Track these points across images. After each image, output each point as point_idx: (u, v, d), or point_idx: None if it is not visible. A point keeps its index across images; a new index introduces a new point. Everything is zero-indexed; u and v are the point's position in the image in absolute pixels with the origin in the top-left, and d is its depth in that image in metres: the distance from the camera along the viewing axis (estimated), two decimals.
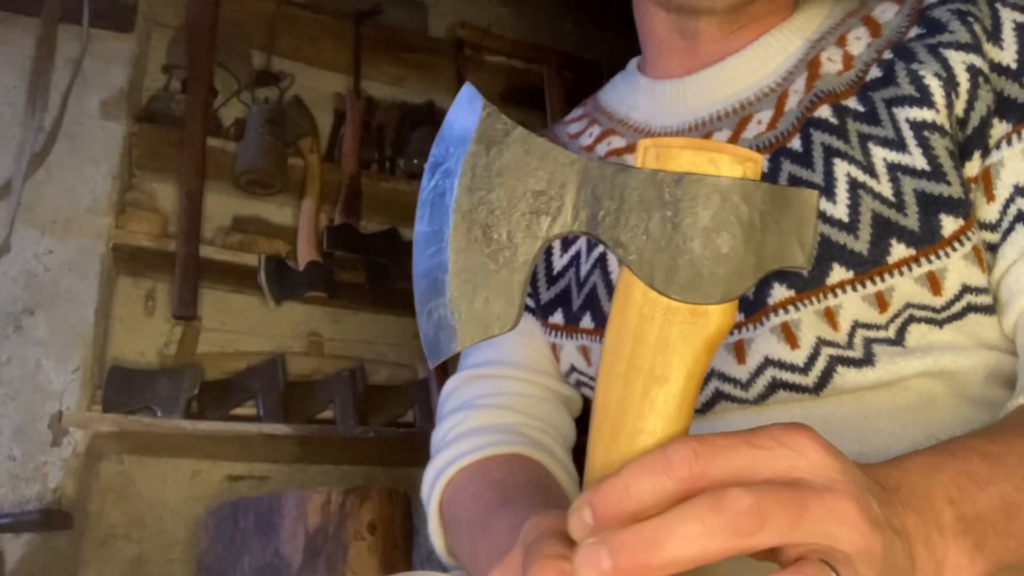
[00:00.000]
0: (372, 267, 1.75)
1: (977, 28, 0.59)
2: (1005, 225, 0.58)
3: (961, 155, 0.59)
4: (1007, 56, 0.59)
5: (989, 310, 0.60)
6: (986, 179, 0.58)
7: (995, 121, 0.58)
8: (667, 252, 0.35)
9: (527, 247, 0.36)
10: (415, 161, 1.90)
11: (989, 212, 0.58)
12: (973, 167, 0.59)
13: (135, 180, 1.69)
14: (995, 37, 0.59)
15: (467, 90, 0.38)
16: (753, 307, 0.61)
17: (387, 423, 1.66)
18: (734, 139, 0.66)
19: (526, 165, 0.36)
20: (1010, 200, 0.57)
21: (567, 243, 0.75)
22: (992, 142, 0.58)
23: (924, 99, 0.59)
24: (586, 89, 0.87)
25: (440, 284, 0.37)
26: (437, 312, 0.37)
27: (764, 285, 0.61)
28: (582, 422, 0.81)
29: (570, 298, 0.73)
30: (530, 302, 0.77)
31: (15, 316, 1.41)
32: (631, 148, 0.73)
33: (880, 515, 0.35)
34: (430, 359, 0.38)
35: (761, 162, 0.36)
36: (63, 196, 1.50)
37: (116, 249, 1.53)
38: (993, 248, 0.58)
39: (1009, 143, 0.57)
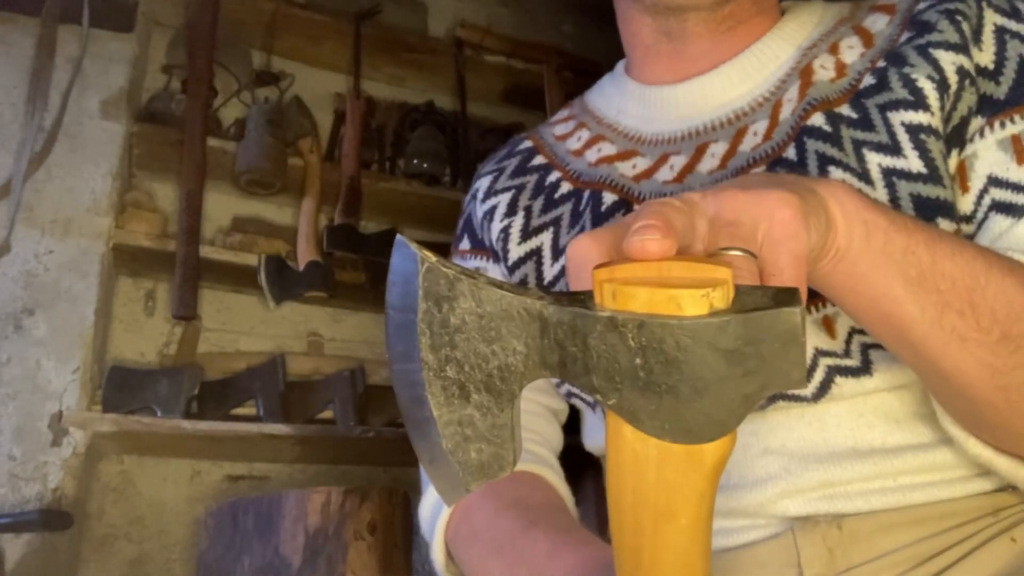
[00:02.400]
0: (372, 267, 1.75)
1: (965, 27, 0.60)
2: (980, 216, 0.58)
3: (944, 155, 0.59)
4: (986, 58, 0.59)
5: None
6: (961, 172, 0.59)
7: (973, 119, 0.59)
8: (645, 397, 0.33)
9: (506, 396, 0.35)
10: (415, 161, 1.90)
11: (964, 203, 0.58)
12: (952, 164, 0.59)
13: (135, 180, 1.69)
14: (977, 39, 0.60)
15: (400, 243, 0.36)
16: None
17: (387, 423, 1.66)
18: (731, 151, 0.66)
19: (481, 318, 0.34)
20: (983, 191, 0.58)
21: (558, 252, 0.73)
22: (968, 136, 0.59)
23: (918, 102, 0.59)
24: (586, 88, 0.87)
25: (433, 437, 0.36)
26: (438, 462, 0.37)
27: None
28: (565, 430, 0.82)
29: None
30: None
31: (15, 316, 1.41)
32: (622, 155, 0.72)
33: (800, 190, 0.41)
34: (447, 502, 0.39)
35: (729, 281, 0.33)
36: (63, 196, 1.50)
37: (116, 249, 1.53)
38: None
39: (982, 135, 0.58)
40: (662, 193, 0.68)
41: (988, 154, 0.58)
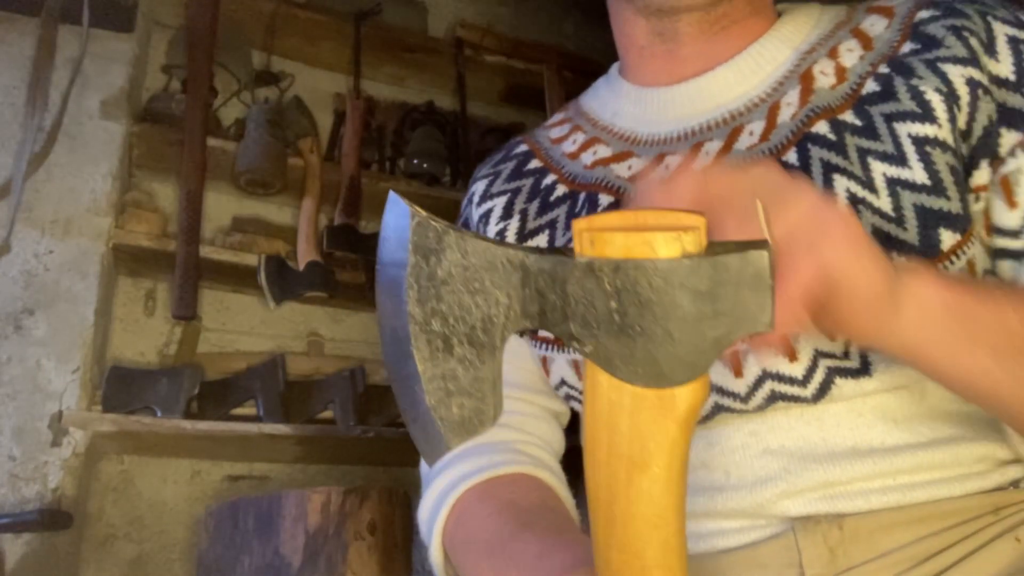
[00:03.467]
0: (372, 267, 1.74)
1: (973, 41, 0.60)
2: None
3: (968, 166, 0.59)
4: (1004, 69, 0.59)
5: None
6: (1005, 187, 0.59)
7: (1003, 131, 0.59)
8: (620, 341, 0.34)
9: (488, 349, 0.36)
10: (415, 161, 1.90)
11: (1011, 219, 0.59)
12: (982, 175, 0.59)
13: (135, 180, 1.69)
14: (991, 50, 0.60)
15: (392, 198, 0.38)
16: None
17: (387, 423, 1.65)
18: (726, 150, 0.66)
19: (466, 270, 0.36)
20: None
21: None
22: (1004, 151, 0.59)
23: (926, 114, 0.59)
24: (586, 88, 0.87)
25: (417, 393, 0.37)
26: (421, 419, 0.38)
27: None
28: (567, 431, 0.81)
29: None
30: None
31: (15, 316, 1.41)
32: (618, 157, 0.72)
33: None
34: (427, 461, 0.40)
35: (703, 228, 0.35)
36: (63, 196, 1.50)
37: (116, 249, 1.53)
38: (1015, 255, 0.59)
39: None
40: None
41: None
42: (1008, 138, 0.58)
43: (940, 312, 0.45)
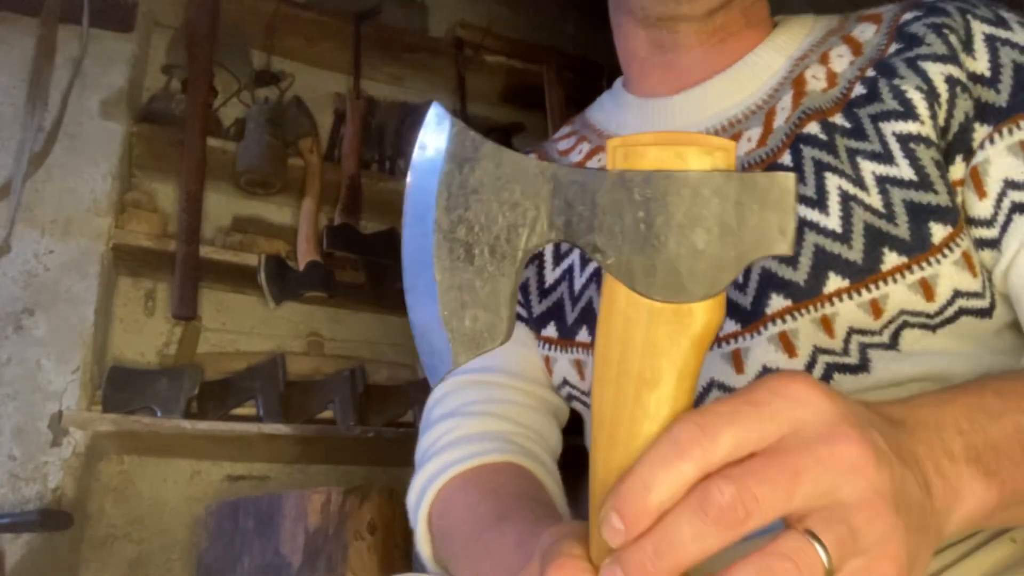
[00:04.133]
0: (372, 267, 1.75)
1: (953, 39, 0.62)
2: (1001, 218, 0.59)
3: (945, 161, 0.61)
4: (980, 66, 0.61)
5: (982, 313, 0.61)
6: (975, 178, 0.60)
7: (976, 126, 0.60)
8: (644, 253, 0.34)
9: (509, 261, 0.36)
10: None
11: (983, 208, 0.60)
12: (957, 171, 0.60)
13: (135, 180, 1.69)
14: (968, 48, 0.62)
15: (435, 109, 0.38)
16: (751, 316, 0.62)
17: (387, 423, 1.66)
18: None
19: (499, 179, 0.37)
20: (1002, 194, 0.59)
21: (559, 256, 0.75)
22: (975, 144, 0.60)
23: (908, 112, 0.61)
24: (586, 89, 0.87)
25: (430, 303, 0.37)
26: (431, 331, 0.38)
27: (762, 295, 0.62)
28: (567, 431, 0.81)
29: (563, 312, 0.74)
30: (523, 312, 0.78)
31: (15, 316, 1.41)
32: None
33: (886, 448, 0.35)
34: (431, 379, 0.39)
35: (733, 150, 0.35)
36: (63, 196, 1.50)
37: (116, 249, 1.53)
38: (992, 243, 0.60)
39: (992, 142, 0.60)
40: None
41: (1000, 159, 0.59)
42: (980, 132, 0.60)
43: (983, 494, 0.40)
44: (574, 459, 0.81)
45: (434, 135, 0.38)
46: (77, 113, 1.55)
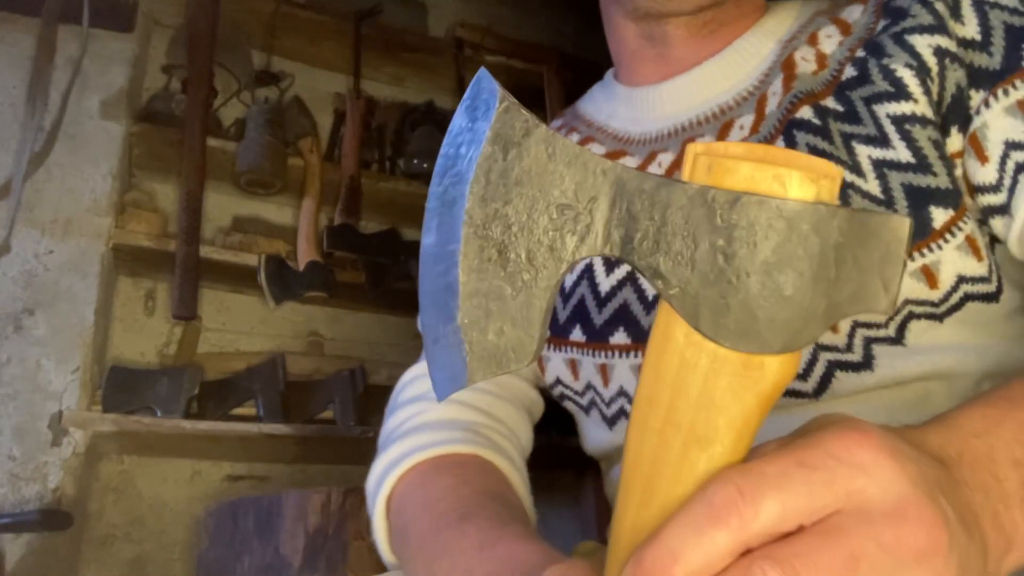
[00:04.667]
0: (372, 267, 1.75)
1: (939, 7, 0.60)
2: (1007, 181, 0.57)
3: (942, 135, 0.59)
4: (970, 30, 0.59)
5: (988, 298, 0.59)
6: (975, 144, 0.58)
7: (972, 92, 0.58)
8: (717, 288, 0.29)
9: (549, 271, 0.31)
10: (415, 161, 1.90)
11: (986, 174, 0.57)
12: (955, 142, 0.58)
13: (135, 180, 1.69)
14: (956, 14, 0.59)
15: (482, 76, 0.33)
16: None
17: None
18: None
19: (549, 172, 0.31)
20: (1004, 156, 0.57)
21: None
22: (972, 111, 0.58)
23: (900, 92, 0.59)
24: (586, 89, 0.87)
25: (449, 309, 0.32)
26: (445, 340, 0.32)
27: None
28: (566, 431, 0.79)
29: (556, 310, 0.72)
30: None
31: (15, 316, 1.41)
32: (611, 156, 0.72)
33: (955, 519, 0.31)
34: (439, 394, 0.33)
35: (839, 180, 0.30)
36: (63, 196, 1.50)
37: (116, 249, 1.53)
38: (1001, 209, 0.57)
39: (988, 106, 0.57)
40: None
41: (999, 122, 0.57)
42: (976, 98, 0.58)
43: None
44: (575, 459, 0.80)
45: (477, 108, 0.32)
46: (77, 113, 1.55)
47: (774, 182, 0.28)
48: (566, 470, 1.55)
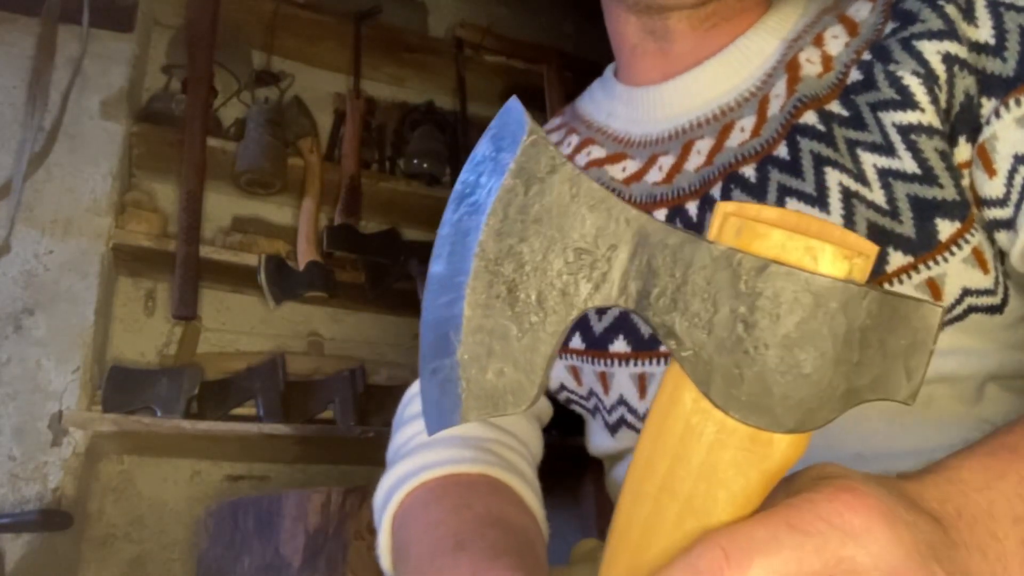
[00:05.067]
0: (372, 267, 1.75)
1: (950, 10, 0.57)
2: (1015, 196, 0.55)
3: (950, 144, 0.57)
4: (984, 33, 0.56)
5: (992, 310, 0.58)
6: (983, 155, 0.56)
7: (983, 100, 0.56)
8: (732, 357, 0.28)
9: (559, 316, 0.30)
10: (415, 161, 1.90)
11: (993, 187, 0.55)
12: (962, 152, 0.57)
13: (135, 180, 1.69)
14: (970, 16, 0.57)
15: (512, 106, 0.32)
16: None
17: (387, 423, 1.65)
18: (717, 147, 0.64)
19: (571, 213, 0.29)
20: (1013, 171, 0.55)
21: None
22: (982, 120, 0.56)
23: (906, 101, 0.57)
24: (586, 90, 0.87)
25: (450, 342, 0.31)
26: (442, 374, 0.31)
27: None
28: (567, 431, 0.79)
29: None
30: None
31: (15, 316, 1.41)
32: (612, 159, 0.71)
33: None
34: (428, 428, 0.32)
35: (873, 258, 0.29)
36: (63, 196, 1.50)
37: (116, 249, 1.53)
38: (1007, 224, 0.55)
39: (998, 116, 0.55)
40: (652, 195, 0.67)
41: (1009, 134, 0.54)
42: (987, 106, 0.56)
43: None
44: (575, 459, 0.80)
45: (504, 137, 0.31)
46: (77, 113, 1.54)
47: (806, 254, 0.27)
48: (566, 470, 1.55)
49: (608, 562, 0.31)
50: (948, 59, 0.56)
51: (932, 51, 0.57)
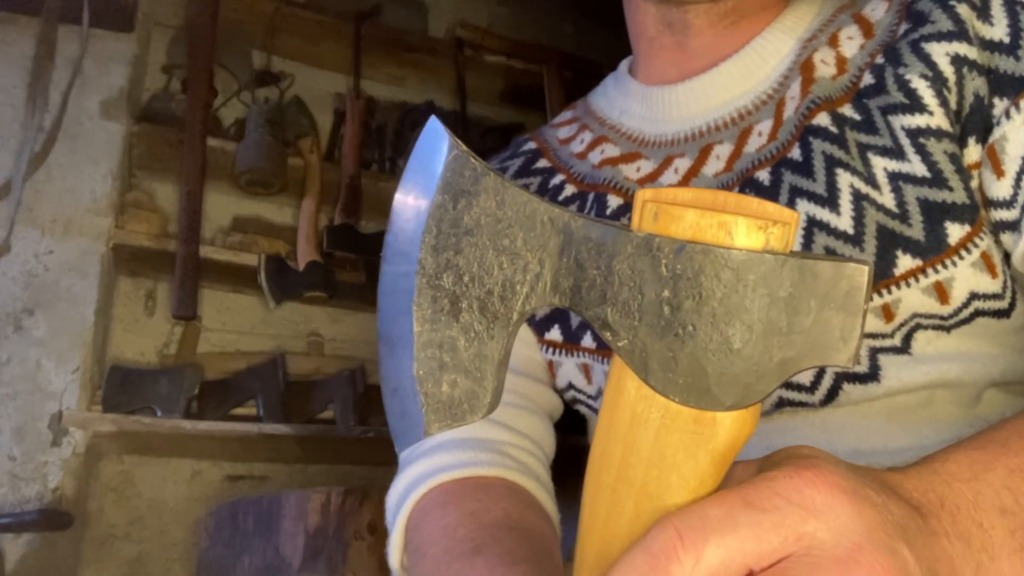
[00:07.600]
0: (372, 267, 1.75)
1: (962, 9, 0.57)
2: (1021, 199, 0.54)
3: (960, 146, 0.57)
4: (998, 31, 0.56)
5: (999, 314, 0.58)
6: (992, 156, 0.55)
7: (995, 100, 0.55)
8: (664, 341, 0.28)
9: (501, 322, 0.30)
10: None
11: (1000, 189, 0.55)
12: (972, 154, 0.56)
13: (135, 180, 1.69)
14: (985, 14, 0.57)
15: (432, 124, 0.32)
16: None
17: (387, 423, 1.65)
18: (736, 153, 0.64)
19: (499, 222, 0.30)
20: (1021, 173, 0.54)
21: None
22: (993, 120, 0.55)
23: (915, 105, 0.57)
24: (586, 89, 0.86)
25: (404, 360, 0.31)
26: (402, 391, 0.32)
27: None
28: (568, 431, 0.79)
29: (568, 315, 0.70)
30: None
31: (15, 316, 1.41)
32: (626, 158, 0.71)
33: (918, 570, 0.29)
34: (397, 445, 0.33)
35: (794, 224, 0.29)
36: (63, 196, 1.50)
37: (116, 249, 1.53)
38: (1012, 226, 0.55)
39: (1008, 116, 0.55)
40: None
41: (1018, 135, 0.54)
42: (999, 107, 0.55)
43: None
44: (574, 459, 0.80)
45: (427, 157, 0.32)
46: (77, 113, 1.55)
47: (720, 230, 0.27)
48: (567, 470, 1.55)
49: (579, 557, 0.32)
50: (957, 60, 0.56)
51: (941, 53, 0.57)
